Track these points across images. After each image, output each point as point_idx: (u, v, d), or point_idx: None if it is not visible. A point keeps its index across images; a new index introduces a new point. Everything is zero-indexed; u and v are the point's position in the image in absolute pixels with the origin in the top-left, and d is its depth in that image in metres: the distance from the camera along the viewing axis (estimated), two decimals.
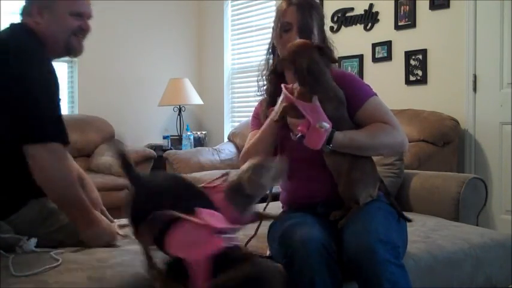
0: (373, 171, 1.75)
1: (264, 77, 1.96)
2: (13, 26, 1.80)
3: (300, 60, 1.64)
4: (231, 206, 1.42)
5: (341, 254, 1.56)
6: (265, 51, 1.97)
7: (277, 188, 1.99)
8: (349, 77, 1.85)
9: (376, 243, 1.48)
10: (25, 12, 1.82)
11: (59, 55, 1.85)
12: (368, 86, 1.85)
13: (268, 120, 1.79)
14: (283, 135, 1.78)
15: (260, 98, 2.00)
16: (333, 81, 1.71)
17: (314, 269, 1.47)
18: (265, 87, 1.95)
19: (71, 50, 1.84)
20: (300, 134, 1.60)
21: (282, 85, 1.72)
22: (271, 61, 1.94)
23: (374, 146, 1.71)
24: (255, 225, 1.74)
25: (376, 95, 1.81)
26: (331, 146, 1.63)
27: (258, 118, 1.93)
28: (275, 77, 1.89)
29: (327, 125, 1.58)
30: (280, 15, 1.84)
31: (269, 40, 1.97)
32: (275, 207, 1.99)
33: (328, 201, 1.74)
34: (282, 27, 1.82)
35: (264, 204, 1.89)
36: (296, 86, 1.68)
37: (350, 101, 1.74)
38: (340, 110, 1.70)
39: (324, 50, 1.73)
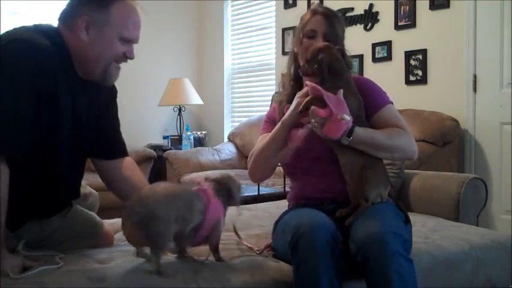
0: (385, 173, 1.78)
1: (283, 85, 1.98)
2: (42, 27, 1.57)
3: (323, 56, 1.69)
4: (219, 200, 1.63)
5: (347, 249, 1.56)
6: (288, 60, 2.00)
7: (275, 189, 2.00)
8: (366, 82, 1.89)
9: (388, 235, 1.48)
10: (67, 23, 1.59)
11: (91, 78, 1.63)
12: (385, 93, 1.88)
13: (280, 123, 1.80)
14: (292, 136, 1.81)
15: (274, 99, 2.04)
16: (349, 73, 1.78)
17: (319, 254, 1.48)
18: (284, 94, 1.95)
19: (108, 77, 1.63)
20: (310, 126, 1.64)
21: (307, 82, 1.74)
22: (292, 69, 1.96)
23: (390, 147, 1.73)
24: (256, 225, 1.75)
25: (392, 103, 1.85)
26: (351, 139, 1.65)
27: (270, 122, 1.96)
28: (295, 84, 1.92)
29: (348, 117, 1.61)
30: (304, 24, 1.88)
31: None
32: (276, 207, 1.99)
33: (337, 198, 1.76)
34: (305, 35, 1.86)
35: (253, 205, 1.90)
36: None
37: (366, 105, 1.78)
38: (361, 109, 1.74)
39: (345, 53, 1.81)
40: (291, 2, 4.86)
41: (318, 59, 1.69)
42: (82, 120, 1.67)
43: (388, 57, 4.12)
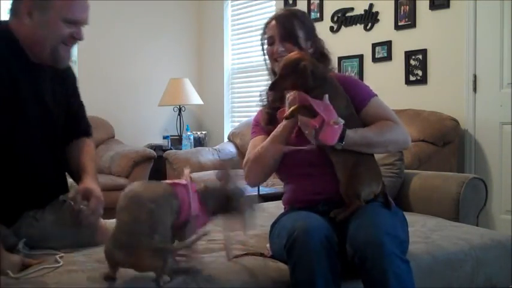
0: (377, 169, 1.78)
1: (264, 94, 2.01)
2: None
3: (303, 65, 1.65)
4: (204, 207, 1.53)
5: (343, 250, 1.56)
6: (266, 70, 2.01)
7: (275, 189, 2.00)
8: (350, 80, 1.90)
9: (384, 236, 1.49)
10: (13, 11, 1.63)
11: (42, 61, 1.67)
12: (368, 87, 1.90)
13: (275, 132, 1.81)
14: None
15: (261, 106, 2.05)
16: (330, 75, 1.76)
17: (314, 257, 1.48)
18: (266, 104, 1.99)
19: (57, 59, 1.66)
20: (314, 132, 1.63)
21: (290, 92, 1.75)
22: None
23: (382, 143, 1.75)
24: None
25: (376, 95, 1.86)
26: (343, 143, 1.66)
27: (259, 125, 1.98)
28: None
29: (342, 121, 1.62)
30: (264, 32, 1.93)
31: None
32: (276, 207, 1.99)
33: (330, 199, 1.76)
34: (267, 43, 1.90)
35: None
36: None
37: (353, 102, 1.78)
38: (350, 107, 1.75)
39: (323, 51, 1.81)
40: (291, 2, 4.86)
41: (300, 69, 1.65)
42: (49, 106, 1.71)
43: (388, 57, 4.12)
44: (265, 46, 1.92)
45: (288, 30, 1.85)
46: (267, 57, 1.94)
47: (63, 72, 1.79)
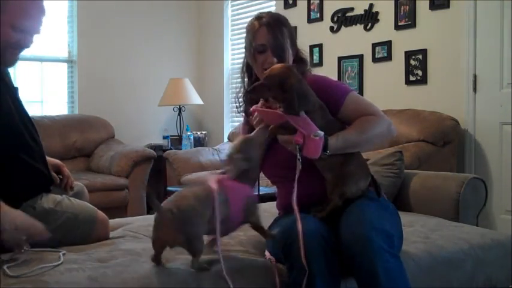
0: (364, 166, 1.78)
1: (240, 98, 1.99)
2: None
3: (289, 83, 1.64)
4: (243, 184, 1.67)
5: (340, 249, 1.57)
6: (240, 71, 2.00)
7: (275, 189, 2.00)
8: (321, 80, 1.88)
9: (370, 232, 1.50)
10: None
11: None
12: (343, 84, 1.91)
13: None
14: (269, 145, 1.82)
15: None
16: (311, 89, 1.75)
17: (311, 258, 1.48)
18: (242, 107, 1.98)
19: (4, 61, 1.67)
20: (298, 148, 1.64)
21: (253, 107, 1.75)
22: (246, 80, 1.97)
23: (367, 140, 1.75)
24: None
25: (352, 91, 1.85)
26: (328, 152, 1.66)
27: (247, 124, 1.98)
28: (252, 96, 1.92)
29: (321, 133, 1.63)
30: (252, 37, 1.88)
31: None
32: (271, 207, 1.99)
33: (322, 199, 1.75)
34: (256, 49, 1.86)
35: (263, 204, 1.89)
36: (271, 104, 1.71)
37: (329, 103, 1.77)
38: (325, 115, 1.74)
39: (301, 57, 1.82)
40: (291, 2, 4.86)
41: (287, 88, 1.63)
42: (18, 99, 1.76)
43: (388, 57, 4.12)
44: (253, 52, 1.87)
45: (280, 41, 1.83)
46: (245, 61, 1.95)
47: None
